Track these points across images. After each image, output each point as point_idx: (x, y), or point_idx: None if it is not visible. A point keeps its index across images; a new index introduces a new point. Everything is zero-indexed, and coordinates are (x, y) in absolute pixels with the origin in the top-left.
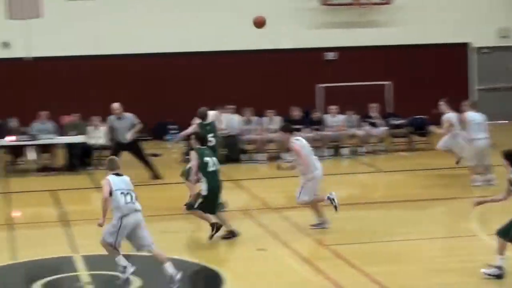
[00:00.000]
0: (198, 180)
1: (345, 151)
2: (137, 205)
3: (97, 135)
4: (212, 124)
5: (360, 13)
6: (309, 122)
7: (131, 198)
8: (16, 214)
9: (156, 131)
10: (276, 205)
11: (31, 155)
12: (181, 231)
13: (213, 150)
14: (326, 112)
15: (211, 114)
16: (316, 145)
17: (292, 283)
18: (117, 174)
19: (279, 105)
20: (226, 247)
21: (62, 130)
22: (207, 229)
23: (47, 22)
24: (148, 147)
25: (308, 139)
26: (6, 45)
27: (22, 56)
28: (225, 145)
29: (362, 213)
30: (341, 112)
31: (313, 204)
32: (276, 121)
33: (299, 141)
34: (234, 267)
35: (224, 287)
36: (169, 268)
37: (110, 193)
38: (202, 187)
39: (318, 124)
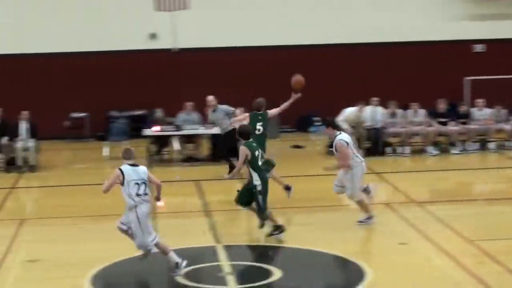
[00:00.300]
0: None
1: (492, 145)
2: (148, 197)
3: None
4: (263, 114)
5: (509, 5)
6: (456, 115)
7: (144, 189)
8: (159, 203)
9: (300, 123)
10: (419, 199)
11: (176, 145)
12: (323, 222)
13: (263, 138)
14: (473, 106)
15: (351, 110)
16: (462, 138)
17: (434, 278)
18: (132, 165)
19: (425, 98)
20: (368, 240)
21: (206, 121)
22: (350, 222)
23: (193, 14)
24: (292, 138)
25: (454, 132)
26: (153, 36)
27: (169, 47)
28: (369, 138)
29: (509, 208)
30: (489, 105)
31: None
32: (420, 114)
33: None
34: (375, 260)
35: (365, 280)
36: (173, 256)
37: (122, 183)
38: (255, 182)
39: (465, 117)
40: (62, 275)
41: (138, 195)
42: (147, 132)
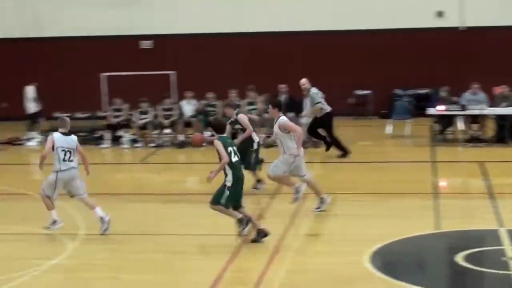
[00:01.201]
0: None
1: None
2: (74, 163)
3: None
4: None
5: None
6: None
7: (70, 156)
8: (442, 183)
9: None
10: None
11: (460, 125)
12: None
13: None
14: None
15: None
16: None
17: None
18: (64, 133)
19: None
20: None
21: (493, 102)
22: None
23: None
24: None
25: None
26: (440, 14)
27: (456, 26)
28: None
29: None
30: None
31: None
32: None
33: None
34: None
35: None
36: (98, 212)
37: (53, 149)
38: (227, 178)
39: None
40: (341, 250)
41: (64, 160)
42: (431, 111)
